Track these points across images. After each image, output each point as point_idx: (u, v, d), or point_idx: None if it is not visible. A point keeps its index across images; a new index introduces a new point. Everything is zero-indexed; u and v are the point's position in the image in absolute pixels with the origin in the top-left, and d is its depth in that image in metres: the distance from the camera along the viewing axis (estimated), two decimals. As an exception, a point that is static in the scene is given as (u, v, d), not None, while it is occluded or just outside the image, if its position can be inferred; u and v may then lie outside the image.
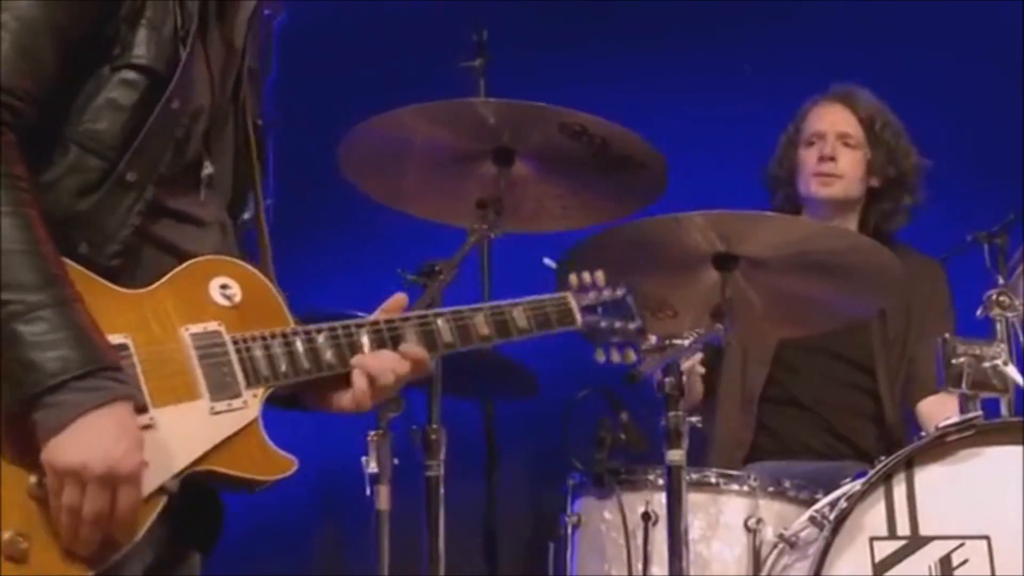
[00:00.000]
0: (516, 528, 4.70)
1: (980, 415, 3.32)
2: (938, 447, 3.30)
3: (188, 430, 2.17)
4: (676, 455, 3.20)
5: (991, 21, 4.83)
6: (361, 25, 4.95)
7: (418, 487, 3.43)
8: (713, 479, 3.55)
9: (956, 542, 3.23)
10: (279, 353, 2.27)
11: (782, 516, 3.51)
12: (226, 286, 2.28)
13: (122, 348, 2.15)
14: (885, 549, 3.24)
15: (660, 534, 3.42)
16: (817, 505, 3.39)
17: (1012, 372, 3.41)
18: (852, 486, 3.31)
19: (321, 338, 2.31)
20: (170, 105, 2.22)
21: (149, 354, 2.17)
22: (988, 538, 3.23)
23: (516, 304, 2.51)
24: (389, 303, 2.43)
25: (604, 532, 3.58)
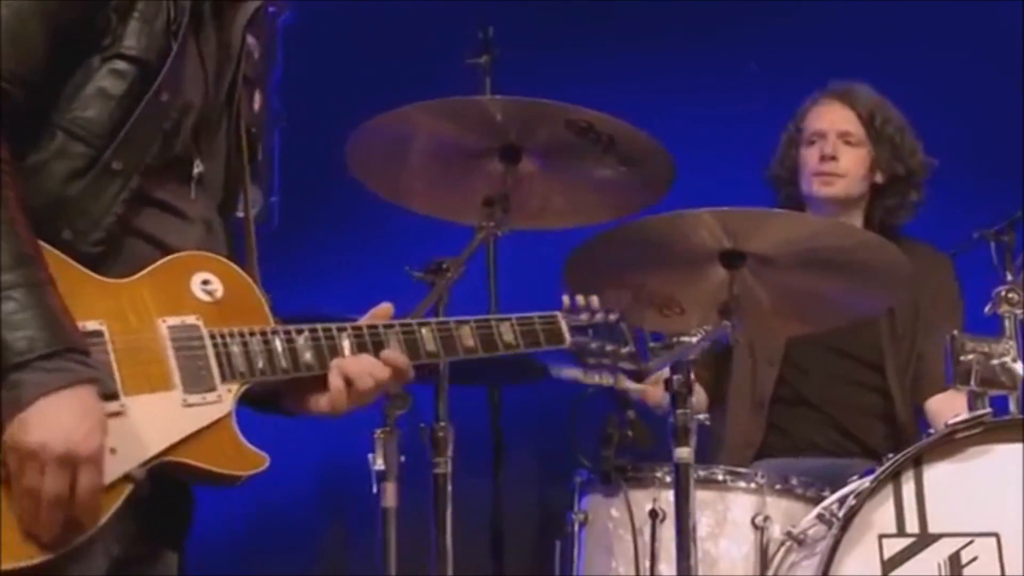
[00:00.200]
0: (523, 525, 4.70)
1: (989, 412, 3.31)
2: (947, 444, 3.30)
3: (159, 420, 2.16)
4: (684, 452, 3.20)
5: (992, 20, 4.83)
6: (367, 23, 4.94)
7: (425, 484, 3.43)
8: (720, 476, 3.55)
9: (965, 539, 3.22)
10: (257, 350, 2.27)
11: (789, 513, 3.50)
12: (207, 281, 2.28)
13: (97, 335, 2.15)
14: (894, 546, 3.23)
15: (667, 531, 3.41)
16: (825, 502, 3.38)
17: (1021, 369, 3.41)
18: (861, 483, 3.31)
19: (301, 339, 2.31)
20: (159, 97, 2.23)
21: (124, 342, 2.17)
22: (997, 535, 3.22)
23: (505, 319, 2.50)
24: (375, 311, 2.43)
25: (611, 530, 3.57)
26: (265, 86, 5.04)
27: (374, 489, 3.33)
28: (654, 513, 3.48)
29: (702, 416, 3.26)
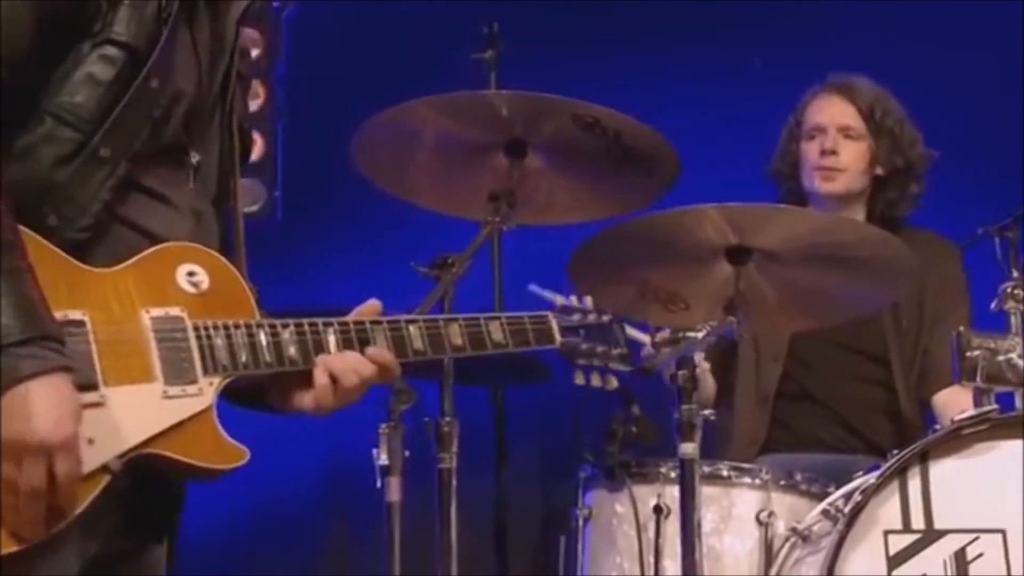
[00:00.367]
0: (527, 521, 4.70)
1: (995, 409, 3.31)
2: (953, 440, 3.30)
3: (138, 412, 2.15)
4: (689, 448, 3.19)
5: (995, 14, 4.82)
6: (372, 18, 4.95)
7: (429, 480, 3.43)
8: (725, 472, 3.55)
9: (971, 536, 3.22)
10: (241, 344, 2.25)
11: (794, 509, 3.50)
12: (193, 273, 2.26)
13: (79, 324, 2.14)
14: (899, 543, 3.23)
15: (671, 527, 3.42)
16: (830, 498, 3.38)
17: (1027, 365, 3.41)
18: (866, 479, 3.31)
19: (286, 333, 2.29)
20: (148, 83, 2.21)
21: (106, 333, 2.16)
22: (1003, 532, 3.22)
23: (495, 318, 2.48)
24: (362, 307, 2.41)
25: (615, 525, 3.57)
26: (269, 81, 5.06)
27: (378, 484, 3.33)
28: (658, 509, 3.48)
29: (707, 412, 3.25)
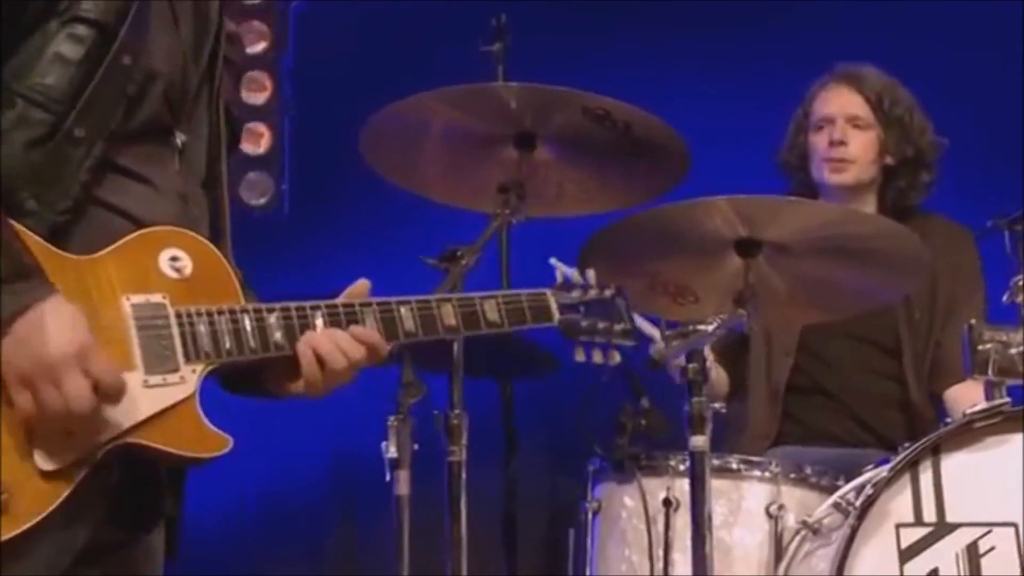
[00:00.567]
0: (536, 514, 4.71)
1: (1007, 402, 3.30)
2: (965, 434, 3.28)
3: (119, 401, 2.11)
4: (699, 441, 3.19)
5: (993, 12, 4.82)
6: (380, 11, 4.94)
7: (438, 473, 3.42)
8: (734, 465, 3.53)
9: (983, 529, 3.21)
10: (224, 330, 2.20)
11: (803, 502, 3.49)
12: (176, 258, 2.20)
13: None
14: (911, 536, 3.22)
15: (681, 520, 3.41)
16: (841, 491, 3.36)
17: (1039, 358, 3.40)
18: (878, 472, 3.29)
19: (272, 318, 2.23)
20: (119, 61, 2.16)
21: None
22: (1016, 525, 3.21)
23: (490, 296, 2.41)
24: (351, 289, 2.35)
25: (624, 518, 3.56)
26: (276, 74, 5.05)
27: (387, 477, 3.32)
28: (668, 501, 3.47)
29: (717, 404, 3.25)
